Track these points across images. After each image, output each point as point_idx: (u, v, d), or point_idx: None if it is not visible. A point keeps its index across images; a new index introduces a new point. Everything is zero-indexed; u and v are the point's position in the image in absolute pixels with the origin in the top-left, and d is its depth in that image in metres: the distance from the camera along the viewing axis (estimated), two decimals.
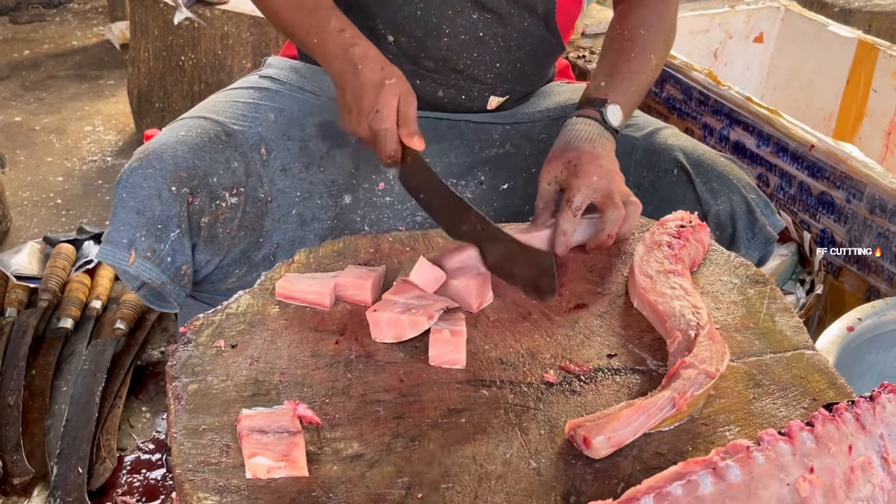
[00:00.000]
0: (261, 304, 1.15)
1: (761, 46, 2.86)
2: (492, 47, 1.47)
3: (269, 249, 1.42)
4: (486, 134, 1.56)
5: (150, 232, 1.27)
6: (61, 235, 2.37)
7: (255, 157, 1.40)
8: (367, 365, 1.06)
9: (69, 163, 3.09)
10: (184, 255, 1.30)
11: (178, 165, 1.30)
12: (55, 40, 4.10)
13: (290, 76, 1.52)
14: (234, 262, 1.39)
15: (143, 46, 2.96)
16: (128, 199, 1.27)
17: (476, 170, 1.54)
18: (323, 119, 1.49)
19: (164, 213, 1.28)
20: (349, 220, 1.47)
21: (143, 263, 1.27)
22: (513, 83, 1.54)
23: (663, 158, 1.48)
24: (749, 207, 1.43)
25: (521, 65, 1.52)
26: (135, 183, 1.28)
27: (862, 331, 1.58)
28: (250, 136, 1.41)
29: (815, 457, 0.85)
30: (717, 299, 1.19)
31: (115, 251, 1.27)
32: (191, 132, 1.35)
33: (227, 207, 1.35)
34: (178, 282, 1.31)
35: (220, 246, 1.36)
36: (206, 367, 1.04)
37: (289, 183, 1.43)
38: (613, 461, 0.92)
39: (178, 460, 0.91)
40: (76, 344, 2.01)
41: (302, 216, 1.44)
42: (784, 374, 1.05)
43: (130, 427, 1.90)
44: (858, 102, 2.59)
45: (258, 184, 1.40)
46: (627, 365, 1.07)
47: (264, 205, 1.41)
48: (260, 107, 1.45)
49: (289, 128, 1.45)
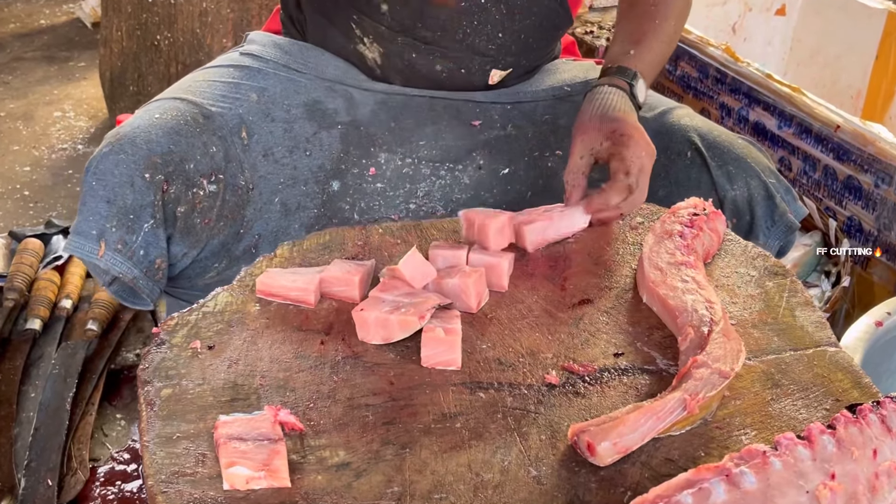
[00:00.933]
0: (240, 302, 1.15)
1: (783, 19, 2.85)
2: (494, 15, 1.46)
3: (251, 241, 1.41)
4: (485, 114, 1.55)
5: (121, 222, 1.27)
6: (28, 230, 2.37)
7: (235, 142, 1.40)
8: (355, 367, 1.06)
9: (37, 151, 3.08)
10: (158, 248, 1.30)
11: (151, 150, 1.29)
12: (21, 19, 4.09)
13: (273, 53, 1.52)
14: (212, 255, 1.39)
15: (115, 25, 2.96)
16: (97, 188, 1.27)
17: (475, 153, 1.54)
18: (309, 98, 1.48)
19: (137, 202, 1.27)
20: (337, 208, 1.47)
21: (114, 256, 1.27)
22: (517, 56, 1.54)
23: (676, 140, 1.48)
24: (768, 193, 1.43)
25: (525, 36, 1.52)
26: (105, 170, 1.27)
27: (891, 326, 1.57)
28: (230, 118, 1.40)
29: (836, 462, 0.85)
30: (732, 293, 1.19)
31: (83, 243, 1.27)
32: (166, 114, 1.35)
33: (204, 196, 1.35)
34: (152, 276, 1.31)
35: (197, 237, 1.35)
36: (180, 370, 1.04)
37: (271, 168, 1.43)
38: (620, 468, 0.92)
39: (151, 470, 0.91)
40: (45, 346, 2.01)
41: (286, 204, 1.44)
42: (805, 373, 1.05)
43: (104, 435, 1.90)
44: (889, 79, 2.58)
45: (238, 170, 1.40)
46: (635, 365, 1.07)
47: (245, 193, 1.41)
48: (241, 86, 1.45)
49: (272, 108, 1.45)
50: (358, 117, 1.49)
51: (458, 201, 1.53)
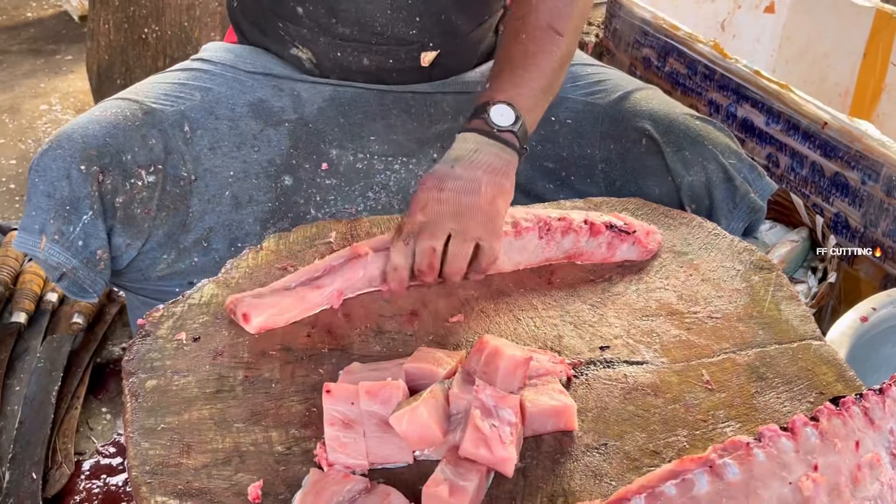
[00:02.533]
0: (226, 294, 1.15)
1: (772, 17, 2.86)
2: (406, 0, 1.44)
3: (201, 233, 1.42)
4: (435, 106, 1.53)
5: (58, 214, 1.28)
6: (13, 223, 2.36)
7: (176, 134, 1.41)
8: (341, 359, 1.06)
9: (23, 145, 3.07)
10: (98, 239, 1.31)
11: (87, 144, 1.31)
12: (8, 12, 4.07)
13: (223, 56, 1.53)
14: (158, 246, 1.39)
15: (102, 18, 2.94)
16: (38, 183, 1.29)
17: (427, 147, 1.53)
18: (254, 97, 1.49)
19: (74, 193, 1.29)
20: (292, 201, 1.47)
21: (52, 247, 1.28)
22: (443, 37, 1.50)
23: (629, 128, 1.46)
24: (727, 175, 1.40)
25: (446, 16, 1.48)
26: (44, 165, 1.30)
27: (877, 321, 1.59)
28: (171, 114, 1.42)
29: (819, 454, 0.86)
30: (718, 287, 1.20)
31: (27, 238, 1.29)
32: (106, 112, 1.37)
33: (143, 186, 1.36)
34: (93, 267, 1.32)
35: (139, 228, 1.36)
36: (165, 361, 1.04)
37: (219, 162, 1.44)
38: (605, 458, 0.93)
39: (135, 462, 0.91)
40: (30, 340, 2.01)
41: (237, 197, 1.44)
42: (789, 366, 1.06)
43: (89, 429, 1.90)
44: (876, 77, 2.60)
45: (180, 161, 1.40)
46: (620, 357, 1.07)
47: (188, 184, 1.41)
48: (185, 86, 1.47)
49: (216, 107, 1.46)
50: (305, 115, 1.49)
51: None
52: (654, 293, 1.19)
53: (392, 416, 0.90)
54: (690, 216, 1.34)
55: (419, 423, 0.89)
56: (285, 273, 1.18)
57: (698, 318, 1.14)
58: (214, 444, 0.93)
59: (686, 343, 1.10)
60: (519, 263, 1.23)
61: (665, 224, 1.32)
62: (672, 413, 0.99)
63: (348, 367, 1.01)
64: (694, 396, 1.02)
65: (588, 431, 0.97)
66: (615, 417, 0.99)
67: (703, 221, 1.33)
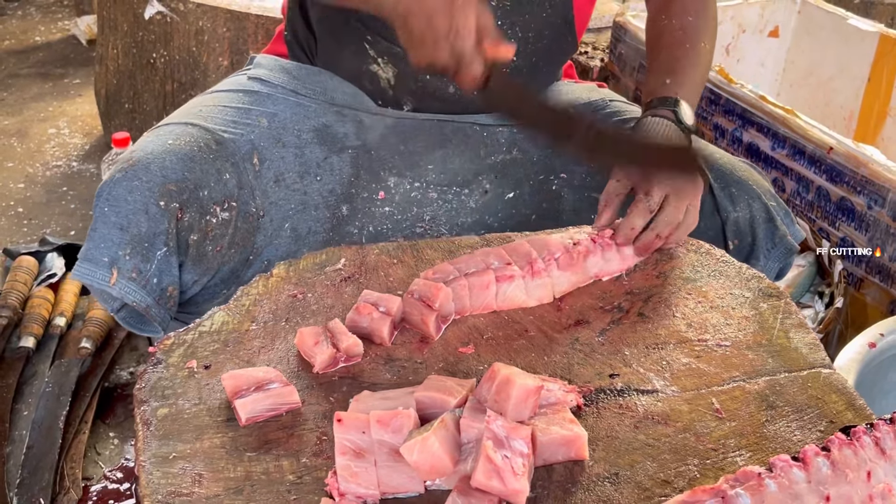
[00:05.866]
0: (236, 322, 1.15)
1: (776, 41, 2.87)
2: (509, 38, 1.47)
3: (260, 267, 1.40)
4: (492, 138, 1.56)
5: (135, 250, 1.25)
6: (22, 247, 2.36)
7: (247, 168, 1.39)
8: (352, 387, 1.06)
9: (31, 168, 3.09)
10: (170, 276, 1.29)
11: (166, 178, 1.28)
12: (17, 35, 4.11)
13: (281, 78, 1.52)
14: (222, 281, 1.38)
15: (111, 42, 2.97)
16: (110, 214, 1.25)
17: (481, 177, 1.55)
18: (319, 123, 1.49)
19: (151, 229, 1.26)
20: (346, 231, 1.47)
21: (128, 284, 1.25)
22: (527, 79, 1.55)
23: None
24: (769, 215, 1.44)
25: (536, 59, 1.53)
26: (118, 196, 1.26)
27: (885, 347, 1.59)
28: (242, 144, 1.40)
29: (831, 484, 0.86)
30: (727, 314, 1.20)
31: (94, 270, 1.25)
32: (179, 140, 1.33)
33: (217, 223, 1.34)
34: (164, 304, 1.29)
35: (208, 265, 1.35)
36: (177, 389, 1.04)
37: (283, 194, 1.43)
38: (616, 489, 0.93)
39: (147, 491, 0.91)
40: (38, 364, 2.01)
41: (296, 230, 1.44)
42: (799, 394, 1.06)
43: (97, 454, 1.90)
44: (881, 101, 2.60)
45: (250, 197, 1.39)
46: (631, 385, 1.07)
47: (256, 220, 1.40)
48: (251, 112, 1.45)
49: (283, 133, 1.45)
50: (368, 141, 1.50)
51: (462, 225, 1.53)
52: (663, 320, 1.19)
53: (403, 447, 0.90)
54: (699, 243, 1.35)
55: (430, 454, 0.89)
56: (296, 301, 1.19)
57: (708, 345, 1.14)
58: (227, 473, 0.94)
59: (696, 371, 1.10)
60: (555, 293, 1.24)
61: (673, 251, 1.33)
62: (683, 442, 0.99)
63: (359, 395, 1.01)
64: (704, 425, 1.02)
65: (599, 461, 0.97)
66: (626, 447, 0.99)
67: (712, 248, 1.34)
